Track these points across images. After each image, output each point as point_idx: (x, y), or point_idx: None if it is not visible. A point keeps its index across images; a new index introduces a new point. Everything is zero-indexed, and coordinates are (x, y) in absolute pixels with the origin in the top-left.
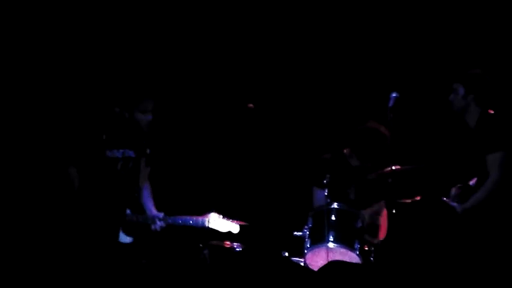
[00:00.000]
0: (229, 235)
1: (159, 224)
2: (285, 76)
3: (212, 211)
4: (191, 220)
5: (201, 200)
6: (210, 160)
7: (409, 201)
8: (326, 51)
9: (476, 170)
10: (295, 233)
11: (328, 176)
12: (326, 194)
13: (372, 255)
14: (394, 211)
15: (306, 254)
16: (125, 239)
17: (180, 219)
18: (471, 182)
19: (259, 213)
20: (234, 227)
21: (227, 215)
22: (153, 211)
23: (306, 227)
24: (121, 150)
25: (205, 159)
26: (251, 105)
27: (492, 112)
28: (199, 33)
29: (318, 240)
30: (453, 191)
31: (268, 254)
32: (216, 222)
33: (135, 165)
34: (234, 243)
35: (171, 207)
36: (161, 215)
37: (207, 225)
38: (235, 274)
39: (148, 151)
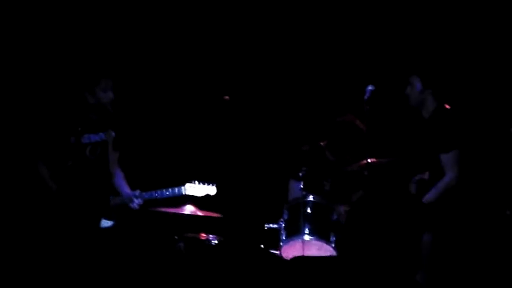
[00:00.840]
0: (204, 227)
1: (136, 201)
2: (263, 68)
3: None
4: (167, 191)
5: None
6: (185, 151)
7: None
8: (304, 44)
9: (431, 164)
10: (271, 225)
11: (304, 168)
12: (302, 186)
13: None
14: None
15: (281, 246)
16: (105, 223)
17: (156, 193)
18: (425, 176)
19: (234, 205)
20: (210, 190)
21: (203, 207)
22: (128, 191)
23: (281, 219)
24: (87, 135)
25: (179, 149)
26: (227, 97)
27: (448, 107)
28: (175, 18)
29: (294, 232)
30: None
31: (243, 246)
32: (192, 188)
33: (103, 150)
34: (210, 235)
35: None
36: (137, 192)
37: (184, 192)
38: (210, 266)
39: (113, 134)
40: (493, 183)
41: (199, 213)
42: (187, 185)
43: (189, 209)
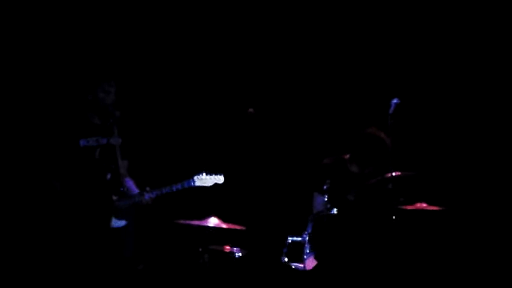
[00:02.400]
0: (229, 240)
1: (147, 196)
2: (287, 81)
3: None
4: (177, 186)
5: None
6: (207, 161)
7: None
8: (329, 57)
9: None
10: (294, 238)
11: (328, 181)
12: (326, 199)
13: None
14: (394, 217)
15: (305, 259)
16: (117, 223)
17: (166, 189)
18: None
19: (259, 217)
20: (218, 179)
21: (227, 219)
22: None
23: (305, 232)
24: (94, 138)
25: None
26: (251, 109)
27: None
28: (186, 21)
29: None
30: None
31: (267, 259)
32: (201, 179)
33: (112, 153)
34: (234, 248)
35: None
36: (147, 188)
37: (193, 184)
38: (234, 279)
39: (120, 140)
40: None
41: (224, 225)
42: (196, 177)
43: (213, 222)
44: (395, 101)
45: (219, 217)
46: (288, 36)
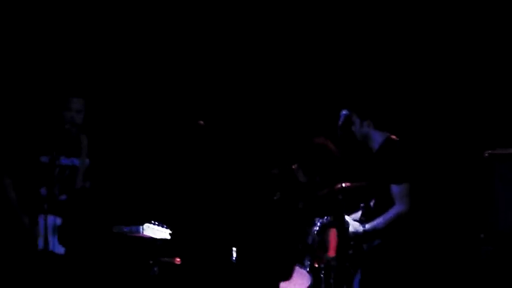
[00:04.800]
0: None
1: None
2: (234, 92)
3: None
4: (126, 228)
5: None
6: (159, 176)
7: None
8: (277, 67)
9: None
10: None
11: (278, 193)
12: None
13: (322, 272)
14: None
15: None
16: (59, 249)
17: (116, 228)
18: (371, 203)
19: (208, 228)
20: (166, 234)
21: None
22: None
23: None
24: (57, 156)
25: (154, 175)
26: (201, 122)
27: (395, 139)
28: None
29: None
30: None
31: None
32: (150, 229)
33: (72, 174)
34: (184, 260)
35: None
36: None
37: (142, 232)
38: None
39: (87, 162)
40: (464, 208)
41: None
42: (146, 225)
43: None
44: (344, 112)
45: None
46: (235, 46)
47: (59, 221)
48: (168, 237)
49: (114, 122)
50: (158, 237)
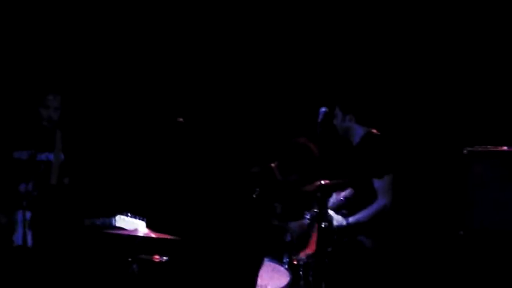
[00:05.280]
0: (158, 249)
1: None
2: (214, 90)
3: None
4: (98, 221)
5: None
6: (138, 172)
7: None
8: (257, 65)
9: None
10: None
11: (257, 190)
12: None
13: (301, 269)
14: (323, 225)
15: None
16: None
17: (87, 221)
18: (347, 193)
19: (190, 226)
20: (140, 225)
21: (157, 228)
22: None
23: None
24: (30, 151)
25: (132, 171)
26: (180, 119)
27: (376, 132)
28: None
29: None
30: (334, 200)
31: (197, 267)
32: (122, 220)
33: (46, 169)
34: (164, 257)
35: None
36: None
37: (114, 223)
38: None
39: (62, 157)
40: (443, 204)
41: (153, 235)
42: (118, 216)
43: (142, 231)
44: (323, 109)
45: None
46: (215, 45)
47: (28, 215)
48: (142, 228)
49: (92, 117)
50: (132, 228)
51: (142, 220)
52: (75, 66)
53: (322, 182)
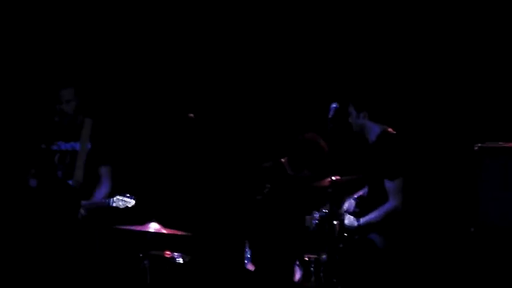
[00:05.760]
0: (169, 245)
1: (79, 212)
2: (226, 86)
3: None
4: (95, 203)
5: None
6: (150, 169)
7: None
8: (268, 61)
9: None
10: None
11: (268, 185)
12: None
13: (312, 265)
14: (334, 222)
15: (247, 263)
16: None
17: (86, 202)
18: (363, 192)
19: (200, 222)
20: (129, 202)
21: (167, 224)
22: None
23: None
24: (56, 142)
25: (144, 167)
26: (191, 115)
27: (392, 131)
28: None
29: None
30: (349, 202)
31: (209, 264)
32: (118, 200)
33: (72, 159)
34: (175, 253)
35: None
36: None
37: (111, 204)
38: (175, 285)
39: (89, 146)
40: (453, 201)
41: (164, 231)
42: (116, 197)
43: (153, 227)
44: (334, 105)
45: (159, 222)
46: (226, 38)
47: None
48: (131, 205)
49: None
50: (122, 207)
51: (133, 199)
52: (90, 63)
53: (334, 178)
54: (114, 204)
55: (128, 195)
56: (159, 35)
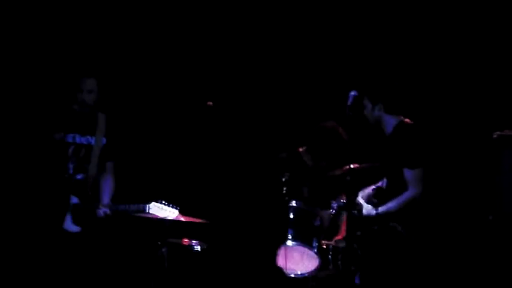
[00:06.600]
0: (187, 233)
1: (101, 211)
2: (244, 74)
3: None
4: (133, 206)
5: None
6: (168, 156)
7: None
8: (285, 49)
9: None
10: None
11: (287, 174)
12: (284, 192)
13: (330, 253)
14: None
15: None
16: (72, 227)
17: (122, 206)
18: (381, 183)
19: (217, 211)
20: (173, 213)
21: (187, 213)
22: (107, 200)
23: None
24: (73, 135)
25: (163, 155)
26: (210, 103)
27: (409, 122)
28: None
29: None
30: (367, 191)
31: (227, 252)
32: (157, 208)
33: (87, 153)
34: (193, 241)
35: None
36: (105, 203)
37: (147, 210)
38: (193, 272)
39: (104, 141)
40: (472, 189)
41: (182, 218)
42: (153, 203)
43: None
44: (353, 93)
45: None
46: (245, 30)
47: (74, 199)
48: (174, 216)
49: (125, 105)
50: (164, 216)
51: (176, 208)
52: (108, 53)
53: (352, 165)
54: (151, 211)
55: (168, 204)
56: (174, 28)
